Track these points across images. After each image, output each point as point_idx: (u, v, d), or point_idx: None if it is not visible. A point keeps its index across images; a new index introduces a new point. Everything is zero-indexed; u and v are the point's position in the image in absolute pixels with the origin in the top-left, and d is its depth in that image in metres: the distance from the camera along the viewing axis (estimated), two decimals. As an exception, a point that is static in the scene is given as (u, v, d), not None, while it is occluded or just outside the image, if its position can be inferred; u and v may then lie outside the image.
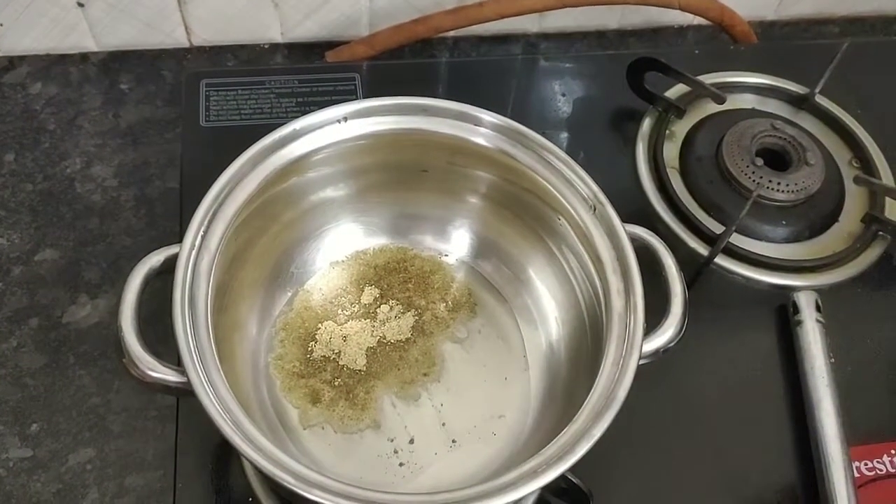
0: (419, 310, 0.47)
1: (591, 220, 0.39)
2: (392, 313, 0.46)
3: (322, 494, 0.30)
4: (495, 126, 0.41)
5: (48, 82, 0.64)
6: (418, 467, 0.43)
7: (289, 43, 0.69)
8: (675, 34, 0.74)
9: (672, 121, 0.59)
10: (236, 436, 0.31)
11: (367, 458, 0.43)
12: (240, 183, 0.38)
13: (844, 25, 0.76)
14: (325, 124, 0.40)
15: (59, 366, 0.51)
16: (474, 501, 0.33)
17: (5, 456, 0.48)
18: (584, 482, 0.42)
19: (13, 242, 0.56)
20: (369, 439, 0.43)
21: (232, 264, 0.39)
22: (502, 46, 0.71)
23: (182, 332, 0.33)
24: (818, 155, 0.55)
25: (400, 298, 0.47)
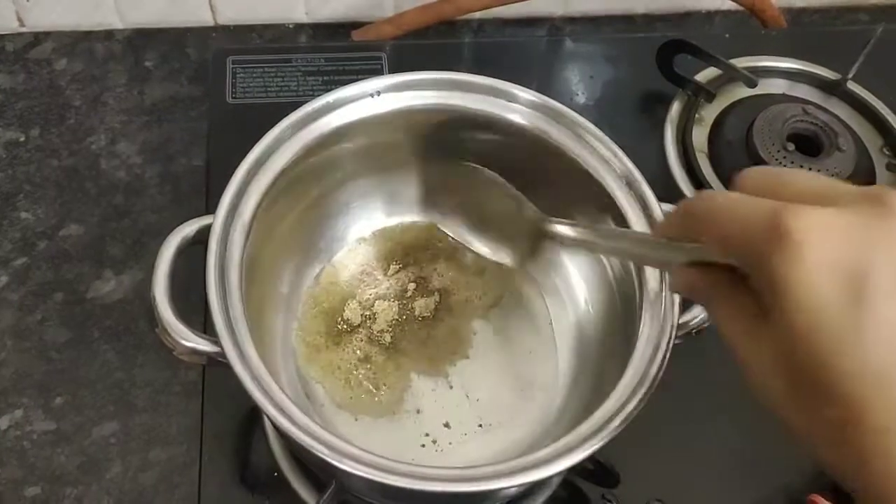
0: (446, 288, 0.46)
1: (625, 196, 0.39)
2: (419, 291, 0.46)
3: (355, 465, 0.30)
4: (530, 103, 0.41)
5: (73, 59, 0.64)
6: (447, 445, 0.43)
7: (313, 23, 0.69)
8: (703, 19, 0.73)
9: (701, 105, 0.58)
10: (270, 404, 0.31)
11: (395, 435, 0.42)
12: (272, 155, 0.38)
13: (874, 13, 0.75)
14: (358, 98, 0.40)
15: (84, 340, 0.51)
16: (504, 477, 0.32)
17: (30, 428, 0.48)
18: (612, 463, 0.42)
19: (38, 217, 0.56)
20: (396, 417, 0.43)
21: (263, 236, 0.38)
22: (527, 29, 0.71)
23: (216, 301, 0.33)
24: (850, 141, 0.55)
25: (427, 276, 0.47)
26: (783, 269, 0.23)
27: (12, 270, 0.54)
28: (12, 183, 0.57)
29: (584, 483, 0.44)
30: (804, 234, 0.23)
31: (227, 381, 0.45)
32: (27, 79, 0.63)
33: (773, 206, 0.24)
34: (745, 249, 0.25)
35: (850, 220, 0.23)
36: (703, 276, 0.28)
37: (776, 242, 0.23)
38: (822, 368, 0.22)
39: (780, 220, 0.23)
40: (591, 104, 0.61)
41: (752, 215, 0.24)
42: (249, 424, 0.46)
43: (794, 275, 0.23)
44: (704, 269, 0.28)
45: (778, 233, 0.23)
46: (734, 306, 0.27)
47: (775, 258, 0.23)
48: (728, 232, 0.25)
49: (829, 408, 0.22)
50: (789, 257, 0.23)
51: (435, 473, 0.32)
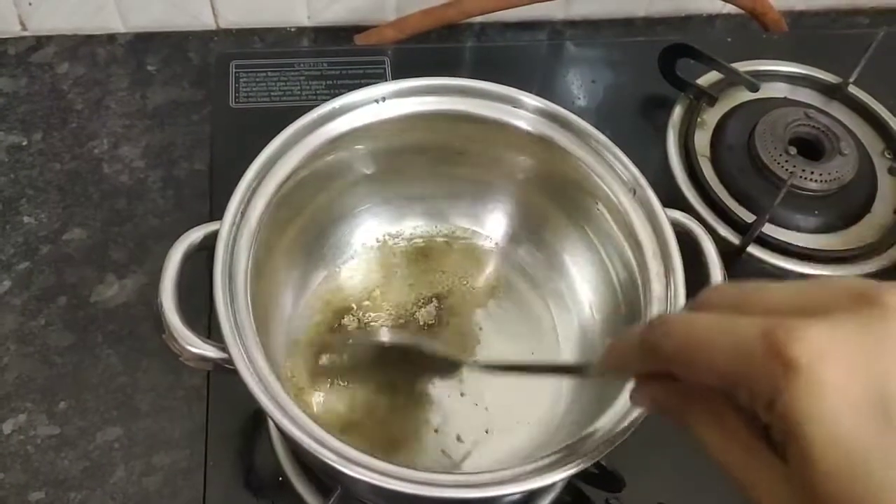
0: (451, 294, 0.46)
1: (631, 204, 0.39)
2: (424, 297, 0.46)
3: (362, 471, 0.30)
4: (535, 109, 0.41)
5: (75, 62, 0.64)
6: (451, 450, 0.43)
7: (315, 27, 0.69)
8: (704, 22, 0.73)
9: (703, 108, 0.58)
10: (277, 410, 0.31)
11: (400, 440, 0.42)
12: (279, 161, 0.38)
13: (874, 16, 0.75)
14: (363, 104, 0.40)
15: (87, 344, 0.51)
16: (510, 483, 0.32)
17: (33, 433, 0.48)
18: (616, 468, 0.42)
19: (41, 221, 0.56)
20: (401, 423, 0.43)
21: (269, 242, 0.38)
22: (528, 33, 0.71)
23: (223, 308, 0.33)
24: (851, 145, 0.55)
25: (433, 282, 0.47)
26: (797, 403, 0.20)
27: (15, 275, 0.54)
28: (15, 187, 0.57)
29: (588, 487, 0.44)
30: (811, 356, 0.20)
31: (231, 386, 0.45)
32: (29, 82, 0.63)
33: (763, 327, 0.21)
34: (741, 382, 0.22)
35: (853, 333, 0.21)
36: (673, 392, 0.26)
37: (782, 373, 0.20)
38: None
39: (781, 345, 0.20)
40: (593, 108, 0.61)
41: (742, 341, 0.22)
42: (254, 429, 0.46)
43: (812, 408, 0.20)
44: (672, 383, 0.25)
45: (782, 360, 0.20)
46: (727, 431, 0.24)
47: (786, 392, 0.20)
48: (716, 364, 0.22)
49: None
50: (802, 388, 0.20)
51: (441, 479, 0.32)
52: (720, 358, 0.22)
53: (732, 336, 0.22)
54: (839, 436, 0.20)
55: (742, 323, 0.22)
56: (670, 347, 0.24)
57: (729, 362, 0.22)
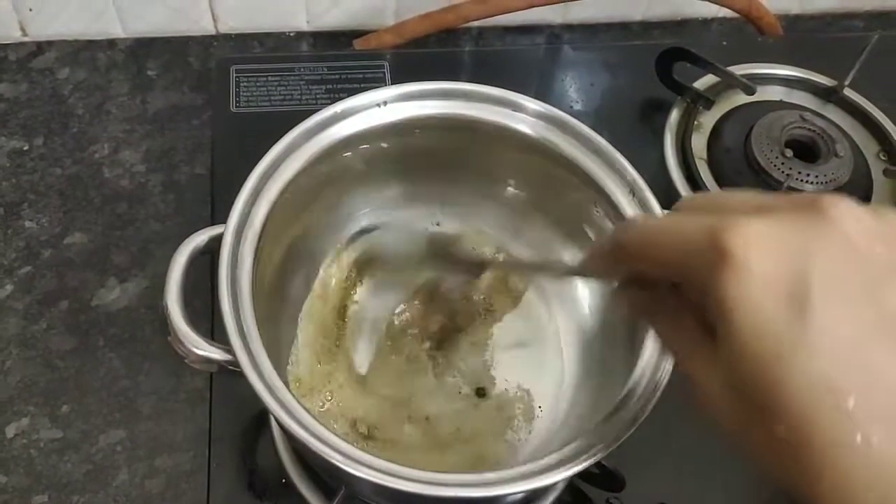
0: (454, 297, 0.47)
1: (630, 206, 0.39)
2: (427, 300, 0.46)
3: (369, 472, 0.31)
4: (535, 112, 0.42)
5: (76, 67, 0.65)
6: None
7: (314, 31, 0.69)
8: (700, 26, 0.74)
9: (700, 112, 0.59)
10: (283, 412, 0.31)
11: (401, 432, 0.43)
12: (282, 164, 0.38)
13: (869, 19, 0.76)
14: (365, 108, 0.41)
15: (89, 348, 0.52)
16: (513, 482, 0.33)
17: (36, 437, 0.48)
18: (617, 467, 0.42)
19: (42, 226, 0.56)
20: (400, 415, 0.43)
21: (273, 245, 0.39)
22: (526, 37, 0.71)
23: (228, 310, 0.33)
24: (847, 147, 0.55)
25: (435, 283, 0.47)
26: (726, 288, 0.22)
27: (17, 279, 0.54)
28: (16, 192, 0.58)
29: (589, 487, 0.44)
30: (743, 249, 0.22)
31: (234, 388, 0.45)
32: (30, 88, 0.63)
33: (710, 223, 0.23)
34: (685, 271, 0.24)
35: (786, 230, 0.22)
36: (642, 295, 0.28)
37: (717, 261, 0.22)
38: (770, 386, 0.22)
39: (719, 237, 0.22)
40: (591, 111, 0.61)
41: (689, 235, 0.24)
42: (257, 431, 0.46)
43: (738, 293, 0.22)
44: (643, 287, 0.28)
45: (718, 250, 0.22)
46: (678, 325, 0.26)
47: (718, 278, 0.22)
48: (666, 256, 0.25)
49: (778, 425, 0.22)
50: (731, 276, 0.22)
51: (444, 479, 0.33)
52: (669, 250, 0.25)
53: (682, 231, 0.25)
54: (759, 321, 0.22)
55: (693, 220, 0.24)
56: (631, 242, 0.27)
57: (677, 254, 0.24)
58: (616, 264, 0.29)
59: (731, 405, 0.23)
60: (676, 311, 0.27)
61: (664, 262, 0.25)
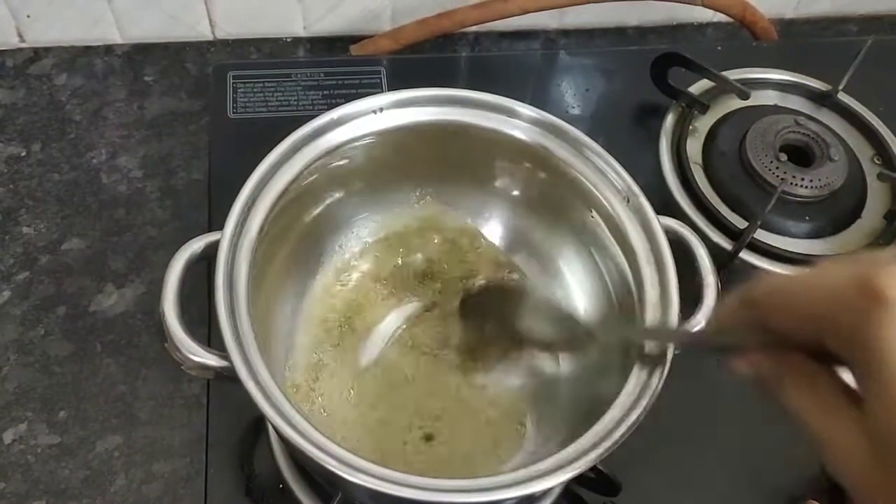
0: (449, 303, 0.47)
1: (625, 211, 0.40)
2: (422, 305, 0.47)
3: (365, 478, 0.31)
4: (530, 118, 0.42)
5: (73, 73, 0.65)
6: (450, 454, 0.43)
7: (311, 37, 0.69)
8: (695, 31, 0.74)
9: (695, 116, 0.59)
10: (280, 419, 0.31)
11: (396, 440, 0.43)
12: (279, 170, 0.39)
13: (863, 24, 0.76)
14: (361, 114, 0.41)
15: (87, 354, 0.52)
16: (509, 487, 0.33)
17: (34, 442, 0.48)
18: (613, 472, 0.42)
19: (40, 232, 0.56)
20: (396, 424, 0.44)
21: (269, 251, 0.39)
22: (522, 42, 0.72)
23: (224, 316, 0.33)
24: (841, 151, 0.56)
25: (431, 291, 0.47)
26: (880, 331, 0.21)
27: (14, 285, 0.54)
28: (14, 198, 0.58)
29: (585, 492, 0.45)
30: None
31: (231, 394, 0.45)
32: (28, 94, 0.63)
33: (858, 270, 0.23)
34: (829, 322, 0.23)
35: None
36: (771, 360, 0.27)
37: (869, 305, 0.22)
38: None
39: (870, 281, 0.22)
40: (587, 116, 0.62)
41: (834, 283, 0.23)
42: (254, 436, 0.46)
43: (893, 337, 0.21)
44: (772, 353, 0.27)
45: (870, 294, 0.22)
46: (813, 391, 0.25)
47: (870, 322, 0.22)
48: (808, 307, 0.24)
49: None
50: (886, 318, 0.21)
51: (441, 485, 0.33)
52: (813, 300, 0.24)
53: (826, 281, 0.24)
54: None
55: (836, 270, 0.24)
56: (768, 295, 0.26)
57: (821, 304, 0.24)
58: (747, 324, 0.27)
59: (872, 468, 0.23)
60: (809, 374, 0.26)
61: (805, 313, 0.24)
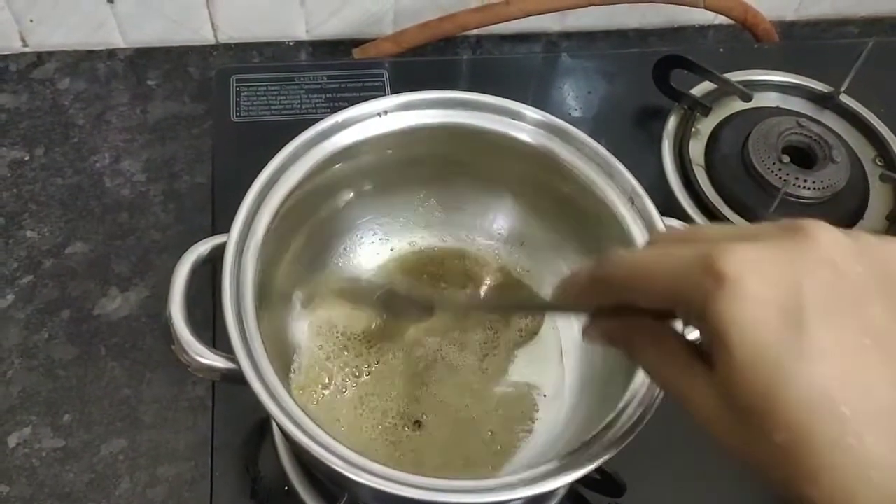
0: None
1: (629, 213, 0.40)
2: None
3: (372, 479, 0.31)
4: (535, 121, 0.42)
5: (76, 78, 0.65)
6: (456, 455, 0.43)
7: (313, 40, 0.70)
8: (697, 33, 0.74)
9: (698, 118, 0.59)
10: (287, 420, 0.31)
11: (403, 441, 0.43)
12: (284, 173, 0.39)
13: (864, 26, 0.76)
14: (365, 117, 0.41)
15: (91, 357, 0.52)
16: (515, 488, 0.33)
17: (38, 446, 0.48)
18: (618, 473, 0.42)
19: (44, 235, 0.56)
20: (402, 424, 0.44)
21: (275, 253, 0.39)
22: (524, 45, 0.72)
23: (232, 318, 0.34)
24: (843, 152, 0.56)
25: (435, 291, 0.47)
26: (723, 310, 0.23)
27: (19, 289, 0.54)
28: (18, 202, 0.58)
29: (589, 493, 0.45)
30: (738, 271, 0.23)
31: (236, 396, 0.45)
32: (31, 98, 0.63)
33: (703, 251, 0.24)
34: (678, 298, 0.25)
35: (776, 253, 0.24)
36: (619, 324, 0.29)
37: (713, 285, 0.23)
38: (770, 399, 0.23)
39: (713, 262, 0.23)
40: (589, 118, 0.62)
41: (680, 263, 0.25)
42: (259, 438, 0.46)
43: (735, 314, 0.23)
44: (620, 317, 0.28)
45: (713, 275, 0.23)
46: (665, 351, 0.27)
47: (714, 300, 0.23)
48: (657, 285, 0.26)
49: (777, 433, 0.23)
50: (728, 297, 0.23)
51: (447, 485, 0.33)
52: (662, 280, 0.25)
53: (673, 260, 0.25)
54: (757, 337, 0.23)
55: (681, 249, 0.25)
56: (619, 276, 0.27)
57: (669, 283, 0.25)
58: (596, 298, 0.29)
59: (729, 422, 0.25)
60: (658, 335, 0.27)
61: (655, 291, 0.26)
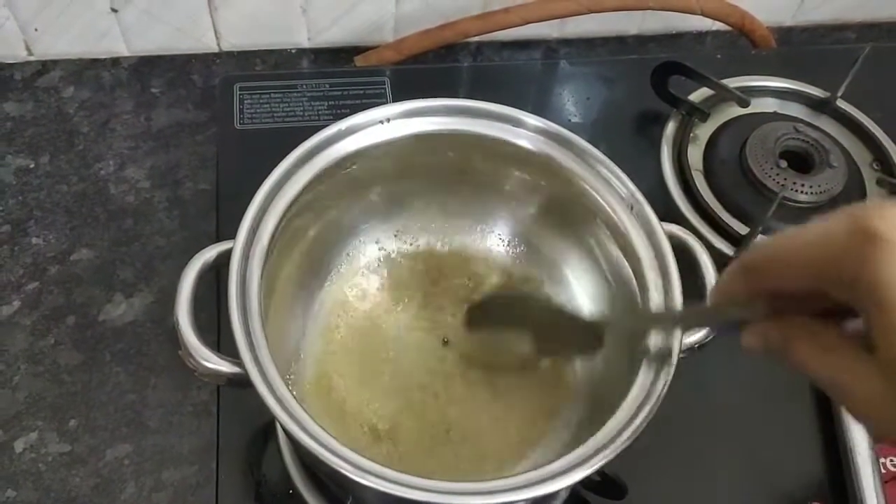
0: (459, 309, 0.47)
1: (629, 219, 0.40)
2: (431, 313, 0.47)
3: (377, 481, 0.31)
4: (536, 128, 0.42)
5: (81, 86, 0.65)
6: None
7: (315, 48, 0.70)
8: (695, 39, 0.75)
9: (696, 124, 0.60)
10: (292, 423, 0.32)
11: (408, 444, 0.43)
12: (289, 180, 0.39)
13: (861, 31, 0.77)
14: (368, 125, 0.41)
15: (96, 363, 0.52)
16: (518, 490, 0.33)
17: (44, 451, 0.49)
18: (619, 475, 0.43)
19: (49, 242, 0.57)
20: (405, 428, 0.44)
21: (280, 259, 0.40)
22: (524, 51, 0.73)
23: (238, 324, 0.34)
24: (840, 157, 0.56)
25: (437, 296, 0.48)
26: (878, 270, 0.21)
27: (24, 295, 0.54)
28: (23, 209, 0.58)
29: (591, 495, 0.45)
30: (891, 228, 0.21)
31: (240, 401, 0.46)
32: (36, 106, 0.64)
33: (849, 216, 0.22)
34: (835, 268, 0.23)
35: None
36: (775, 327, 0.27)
37: (867, 246, 0.22)
38: None
39: (862, 223, 0.22)
40: (588, 124, 0.62)
41: (828, 232, 0.23)
42: (263, 442, 0.47)
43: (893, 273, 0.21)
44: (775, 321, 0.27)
45: (866, 236, 0.22)
46: (822, 345, 0.25)
47: (868, 262, 0.21)
48: (805, 259, 0.24)
49: None
50: (883, 255, 0.21)
51: (450, 487, 0.33)
52: (809, 252, 0.24)
53: (819, 229, 0.24)
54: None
55: (830, 221, 0.23)
56: (767, 256, 0.26)
57: (818, 253, 0.23)
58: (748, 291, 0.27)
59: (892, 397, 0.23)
60: (815, 330, 0.26)
61: (805, 267, 0.24)
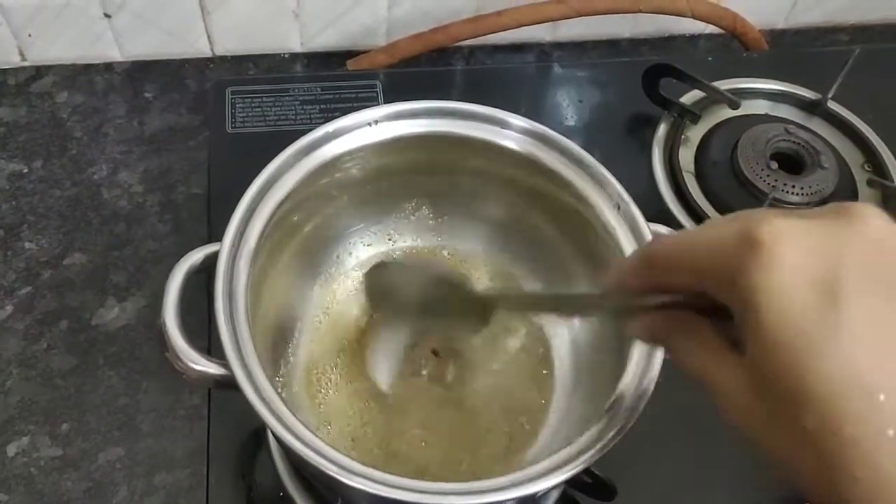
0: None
1: (616, 219, 0.40)
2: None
3: (365, 482, 0.31)
4: (522, 129, 0.43)
5: (74, 91, 0.66)
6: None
7: (308, 52, 0.70)
8: (687, 42, 0.75)
9: (687, 126, 0.60)
10: (280, 425, 0.32)
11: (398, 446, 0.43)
12: (276, 183, 0.39)
13: (853, 33, 0.77)
14: (356, 127, 0.42)
15: (89, 367, 0.52)
16: (506, 489, 0.33)
17: (36, 455, 0.49)
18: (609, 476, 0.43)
19: (42, 247, 0.57)
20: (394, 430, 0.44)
21: (267, 262, 0.40)
22: (517, 55, 0.73)
23: (224, 325, 0.34)
24: (832, 158, 0.57)
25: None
26: (757, 277, 0.22)
27: (17, 300, 0.55)
28: (16, 214, 0.58)
29: (581, 496, 0.45)
30: (775, 240, 0.22)
31: (231, 405, 0.46)
32: (29, 111, 0.64)
33: (742, 222, 0.24)
34: (718, 271, 0.24)
35: (817, 226, 0.23)
36: (660, 319, 0.28)
37: (748, 252, 0.23)
38: (799, 375, 0.22)
39: (749, 230, 0.23)
40: (581, 127, 0.63)
41: (721, 235, 0.24)
42: (254, 446, 0.47)
43: (769, 281, 0.22)
44: (661, 312, 0.28)
45: (749, 243, 0.23)
46: (698, 341, 0.27)
47: (748, 268, 0.23)
48: (698, 259, 0.25)
49: (806, 417, 0.22)
50: (762, 264, 0.22)
51: (438, 488, 0.33)
52: (702, 253, 0.25)
53: (713, 232, 0.25)
54: (788, 308, 0.22)
55: (724, 223, 0.25)
56: (664, 252, 0.27)
57: (709, 255, 0.25)
58: (644, 280, 0.28)
59: (755, 406, 0.24)
60: (695, 326, 0.27)
61: (696, 265, 0.25)
